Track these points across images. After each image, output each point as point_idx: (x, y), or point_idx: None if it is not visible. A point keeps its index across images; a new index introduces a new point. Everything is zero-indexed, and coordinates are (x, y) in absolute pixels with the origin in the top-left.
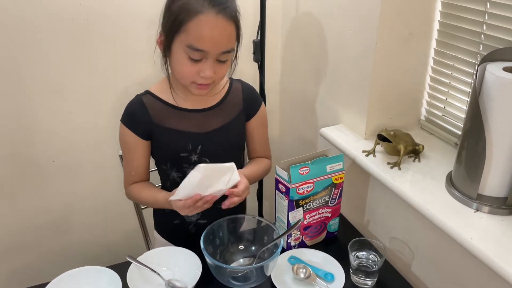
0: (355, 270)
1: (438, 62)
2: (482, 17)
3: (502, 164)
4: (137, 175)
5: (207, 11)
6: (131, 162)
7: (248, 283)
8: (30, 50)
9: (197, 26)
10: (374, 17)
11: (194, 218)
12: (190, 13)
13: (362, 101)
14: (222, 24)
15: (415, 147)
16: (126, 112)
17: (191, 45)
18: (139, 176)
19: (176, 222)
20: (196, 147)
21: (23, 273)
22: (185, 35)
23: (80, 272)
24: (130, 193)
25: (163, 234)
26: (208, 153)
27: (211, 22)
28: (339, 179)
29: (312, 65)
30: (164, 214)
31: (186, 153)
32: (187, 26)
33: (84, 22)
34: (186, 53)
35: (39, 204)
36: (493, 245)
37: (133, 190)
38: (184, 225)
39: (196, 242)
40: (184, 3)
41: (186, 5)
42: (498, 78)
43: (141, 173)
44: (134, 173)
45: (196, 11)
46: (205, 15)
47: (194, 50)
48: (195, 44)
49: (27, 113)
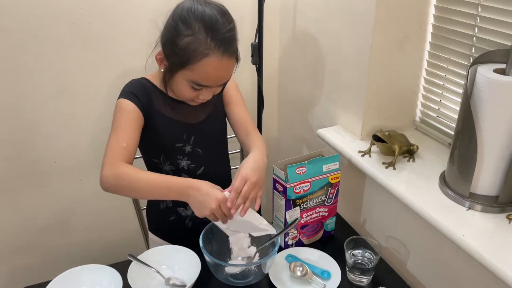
0: (351, 268)
1: (432, 64)
2: (474, 20)
3: (493, 164)
4: (128, 148)
5: (213, 54)
6: (125, 132)
7: (246, 280)
8: (32, 53)
9: (203, 68)
10: (369, 20)
11: (190, 212)
12: (197, 55)
13: (358, 103)
14: (226, 63)
15: (410, 147)
16: (125, 90)
17: (195, 81)
18: (128, 152)
19: (172, 219)
20: (190, 137)
21: (25, 272)
22: (190, 72)
23: (81, 270)
24: (121, 169)
25: (159, 233)
26: (200, 143)
27: (216, 63)
28: (336, 179)
29: (309, 68)
30: (159, 211)
31: (181, 143)
32: (193, 66)
33: (85, 26)
34: (188, 83)
35: (41, 205)
36: (485, 242)
37: (127, 166)
38: (180, 220)
39: (193, 237)
40: (191, 43)
41: (193, 45)
42: (489, 80)
43: (132, 148)
44: (125, 145)
45: (203, 54)
46: (211, 58)
47: (197, 85)
48: (199, 81)
49: (29, 115)
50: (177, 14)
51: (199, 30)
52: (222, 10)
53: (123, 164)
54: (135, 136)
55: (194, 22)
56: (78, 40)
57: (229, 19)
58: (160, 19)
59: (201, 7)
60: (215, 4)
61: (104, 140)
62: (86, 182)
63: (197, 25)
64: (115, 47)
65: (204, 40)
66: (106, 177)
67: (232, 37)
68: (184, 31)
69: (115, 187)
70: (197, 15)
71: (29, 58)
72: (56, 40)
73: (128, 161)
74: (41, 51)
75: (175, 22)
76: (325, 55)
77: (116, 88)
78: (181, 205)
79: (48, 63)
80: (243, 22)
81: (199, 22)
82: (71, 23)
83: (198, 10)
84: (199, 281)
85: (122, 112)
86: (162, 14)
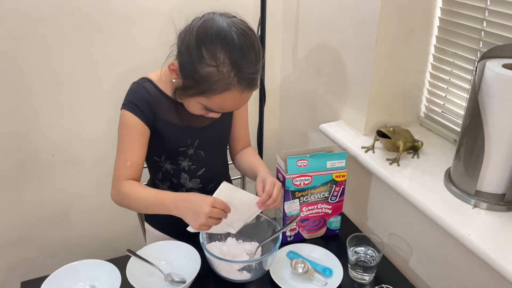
0: (353, 265)
1: (438, 59)
2: (482, 14)
3: (501, 161)
4: (132, 166)
5: (234, 89)
6: (129, 150)
7: (247, 277)
8: (30, 44)
9: (220, 100)
10: (374, 13)
11: None
12: (217, 88)
13: (362, 98)
14: (246, 96)
15: (414, 143)
16: (129, 99)
17: (209, 108)
18: (134, 169)
19: None
20: (194, 141)
21: (23, 266)
22: (206, 99)
23: (79, 265)
24: (123, 189)
25: (155, 224)
26: (203, 146)
27: (236, 97)
28: (341, 177)
29: (312, 61)
30: None
31: (185, 147)
32: (211, 96)
33: (84, 17)
34: (201, 105)
35: (39, 198)
36: (491, 241)
37: (128, 184)
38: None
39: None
40: (213, 75)
41: (215, 78)
42: (498, 75)
43: (137, 165)
44: (130, 164)
45: (224, 88)
46: (232, 92)
47: (211, 111)
48: (213, 109)
49: (27, 107)
50: (202, 36)
51: (223, 63)
52: (253, 44)
53: (126, 183)
54: (140, 152)
55: (220, 53)
56: (77, 31)
57: (258, 56)
58: (170, 13)
59: (231, 36)
60: (250, 32)
61: (103, 134)
62: (85, 176)
63: (223, 57)
64: (114, 39)
65: (228, 75)
66: (113, 196)
67: (256, 70)
68: (208, 60)
69: (122, 205)
70: (225, 45)
71: (27, 49)
72: (54, 31)
73: (134, 177)
74: (40, 43)
75: (198, 45)
76: (328, 49)
77: (115, 80)
78: None
79: (47, 54)
80: (245, 15)
81: (225, 55)
82: (69, 14)
83: (227, 38)
84: (199, 277)
85: (126, 128)
86: (164, 4)
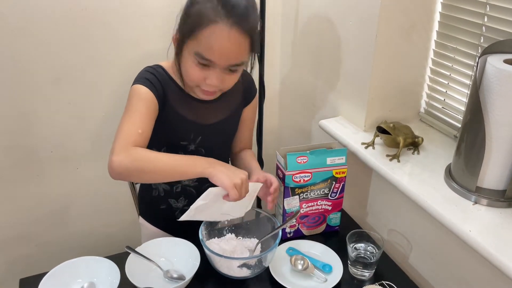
0: (353, 262)
1: (439, 54)
2: (483, 9)
3: (502, 157)
4: (143, 135)
5: (221, 22)
6: (141, 118)
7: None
8: (27, 39)
9: (208, 36)
10: (375, 8)
11: (180, 205)
12: (204, 20)
13: (362, 93)
14: (234, 37)
15: (415, 139)
16: (142, 76)
17: (199, 53)
18: (144, 140)
19: (162, 207)
20: (197, 137)
21: (22, 263)
22: (196, 42)
23: (78, 262)
24: (138, 151)
25: (150, 219)
26: (205, 144)
27: (223, 34)
28: (341, 174)
29: (312, 57)
30: (151, 198)
31: (186, 142)
32: (199, 34)
33: (82, 12)
34: (195, 59)
35: (37, 195)
36: (491, 237)
37: (142, 149)
38: (171, 211)
39: (184, 228)
40: (201, 8)
41: (203, 10)
42: (499, 71)
43: (146, 138)
44: (141, 131)
45: (210, 20)
46: (218, 26)
47: (202, 58)
48: (203, 54)
49: (25, 103)
50: None
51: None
52: None
53: (137, 147)
54: (150, 127)
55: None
56: (74, 27)
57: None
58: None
59: None
60: None
61: (101, 130)
62: (84, 172)
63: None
64: (112, 34)
65: (215, 6)
66: (118, 161)
67: (246, 9)
68: (198, 1)
69: (130, 171)
70: None
71: (24, 45)
72: (51, 26)
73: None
74: (37, 38)
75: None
76: (328, 44)
77: (113, 75)
78: (172, 197)
79: (44, 50)
80: None
81: None
82: (67, 9)
83: None
84: (199, 274)
85: (140, 99)
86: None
